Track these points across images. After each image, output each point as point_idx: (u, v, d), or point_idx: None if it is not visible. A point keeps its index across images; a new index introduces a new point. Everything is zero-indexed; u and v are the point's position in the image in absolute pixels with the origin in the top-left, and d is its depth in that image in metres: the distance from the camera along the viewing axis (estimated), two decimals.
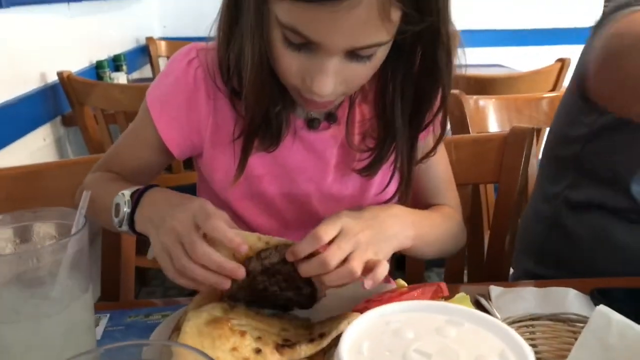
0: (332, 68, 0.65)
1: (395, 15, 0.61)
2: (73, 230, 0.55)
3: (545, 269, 1.05)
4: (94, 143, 1.93)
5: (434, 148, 0.83)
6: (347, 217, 0.66)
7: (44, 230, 0.60)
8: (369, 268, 0.63)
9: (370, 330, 0.40)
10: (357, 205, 0.80)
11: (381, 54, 0.68)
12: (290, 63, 0.66)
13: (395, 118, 0.77)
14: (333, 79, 0.66)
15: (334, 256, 0.61)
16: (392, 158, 0.81)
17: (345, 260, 0.62)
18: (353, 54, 0.65)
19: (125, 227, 0.71)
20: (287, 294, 0.66)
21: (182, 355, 0.37)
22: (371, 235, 0.66)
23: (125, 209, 0.71)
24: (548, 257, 1.07)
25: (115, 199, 0.73)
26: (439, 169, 0.91)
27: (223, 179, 0.82)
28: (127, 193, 0.72)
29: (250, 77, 0.70)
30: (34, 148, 1.82)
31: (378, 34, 0.62)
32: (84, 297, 0.56)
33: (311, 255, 0.62)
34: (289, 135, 0.81)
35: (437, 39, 0.68)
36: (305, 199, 0.85)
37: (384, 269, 0.64)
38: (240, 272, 0.60)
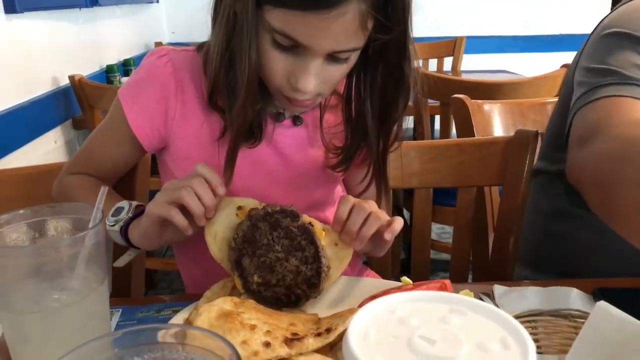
0: (315, 69, 0.73)
1: (370, 23, 0.70)
2: (90, 225, 0.57)
3: (545, 277, 1.06)
4: None
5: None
6: (350, 197, 0.77)
7: (61, 224, 0.62)
8: (388, 223, 0.75)
9: (376, 318, 0.42)
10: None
11: (354, 57, 0.76)
12: (277, 64, 0.74)
13: (366, 121, 0.84)
14: (315, 79, 0.74)
15: (354, 224, 0.73)
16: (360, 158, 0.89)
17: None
18: (333, 57, 0.73)
19: (116, 227, 0.79)
20: (293, 261, 0.71)
21: (197, 338, 0.39)
22: (373, 207, 0.76)
23: (128, 214, 0.79)
24: (546, 265, 1.08)
25: (119, 203, 0.81)
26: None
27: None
28: (134, 203, 0.81)
29: (248, 79, 0.75)
30: (45, 150, 1.86)
31: (356, 39, 0.71)
32: (100, 289, 0.58)
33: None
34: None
35: (402, 48, 0.77)
36: (265, 193, 0.86)
37: (399, 222, 0.76)
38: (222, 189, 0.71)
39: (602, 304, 0.59)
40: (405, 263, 1.10)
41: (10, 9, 1.62)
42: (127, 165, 0.96)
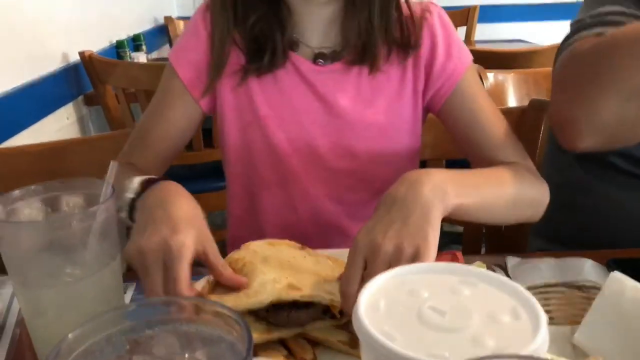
0: None
1: None
2: (101, 200, 0.57)
3: (559, 247, 1.06)
4: (115, 121, 1.97)
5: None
6: (362, 235, 0.59)
7: (73, 200, 0.63)
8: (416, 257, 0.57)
9: (386, 289, 0.42)
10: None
11: None
12: None
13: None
14: None
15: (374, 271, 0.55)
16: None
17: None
18: None
19: (125, 214, 0.69)
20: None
21: (209, 311, 0.39)
22: (398, 234, 0.58)
23: (128, 195, 0.69)
24: (560, 236, 1.07)
25: (124, 184, 0.71)
26: (485, 117, 0.86)
27: (234, 121, 0.88)
28: (137, 181, 0.70)
29: None
30: (58, 127, 1.87)
31: None
32: (112, 264, 0.58)
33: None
34: (294, 76, 0.86)
35: None
36: (311, 143, 0.88)
37: (429, 254, 0.57)
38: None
39: (616, 274, 0.58)
40: None
41: None
42: (184, 135, 0.91)
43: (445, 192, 0.63)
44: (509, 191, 0.75)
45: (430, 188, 0.62)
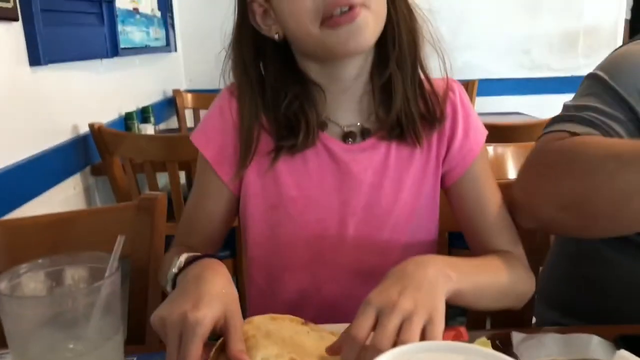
0: None
1: None
2: (107, 274, 0.58)
3: (570, 320, 1.04)
4: (121, 191, 1.99)
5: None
6: (374, 295, 0.61)
7: (78, 273, 0.63)
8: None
9: None
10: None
11: None
12: (304, 1, 0.75)
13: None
14: None
15: (383, 338, 0.56)
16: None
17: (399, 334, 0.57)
18: None
19: (169, 288, 0.75)
20: None
21: None
22: (413, 295, 0.60)
23: (173, 270, 0.74)
24: (571, 308, 1.05)
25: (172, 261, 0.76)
26: (488, 203, 0.89)
27: (259, 204, 0.88)
28: (183, 257, 0.75)
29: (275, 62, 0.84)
30: (64, 197, 1.89)
31: None
32: (115, 338, 0.58)
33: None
34: (324, 156, 0.86)
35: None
36: (341, 223, 0.87)
37: (438, 330, 0.57)
38: None
39: (623, 352, 0.58)
40: None
41: (35, 61, 1.68)
42: (228, 218, 0.93)
43: (449, 276, 0.66)
44: (501, 282, 0.80)
45: (436, 270, 0.66)
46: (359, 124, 0.88)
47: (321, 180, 0.87)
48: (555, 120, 0.88)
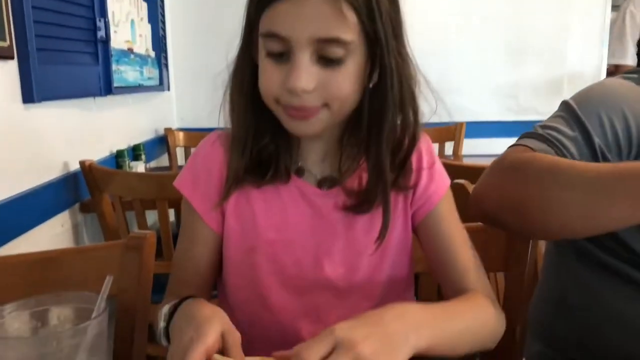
0: (304, 64, 0.74)
1: (350, 15, 0.72)
2: (94, 314, 0.58)
3: (558, 353, 1.04)
4: (109, 229, 1.98)
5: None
6: (342, 327, 0.62)
7: (64, 313, 0.63)
8: None
9: None
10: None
11: (351, 65, 0.76)
12: (272, 74, 0.77)
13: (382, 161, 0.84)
14: (306, 74, 0.74)
15: None
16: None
17: None
18: (323, 58, 0.74)
19: (164, 341, 0.76)
20: None
21: None
22: (375, 345, 0.61)
23: (161, 324, 0.76)
24: (560, 340, 1.05)
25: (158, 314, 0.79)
26: (455, 242, 0.92)
27: (237, 244, 0.90)
28: (166, 308, 0.77)
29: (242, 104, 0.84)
30: (52, 234, 1.87)
31: (336, 28, 0.72)
32: None
33: None
34: (298, 199, 0.89)
35: (387, 55, 0.77)
36: (318, 265, 0.89)
37: None
38: None
39: None
40: None
41: (28, 98, 1.70)
42: (213, 263, 0.93)
43: (421, 335, 0.68)
44: (476, 327, 0.82)
45: (410, 326, 0.67)
46: (331, 173, 0.91)
47: (298, 223, 0.90)
48: (523, 135, 0.98)
